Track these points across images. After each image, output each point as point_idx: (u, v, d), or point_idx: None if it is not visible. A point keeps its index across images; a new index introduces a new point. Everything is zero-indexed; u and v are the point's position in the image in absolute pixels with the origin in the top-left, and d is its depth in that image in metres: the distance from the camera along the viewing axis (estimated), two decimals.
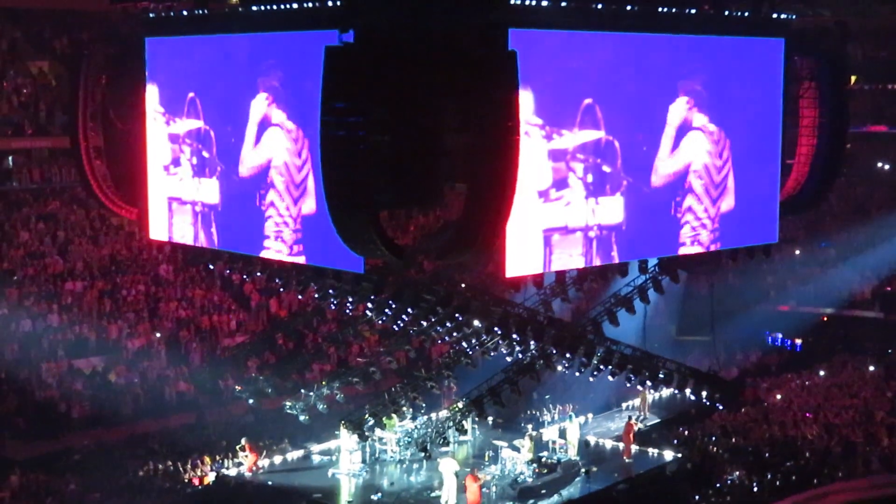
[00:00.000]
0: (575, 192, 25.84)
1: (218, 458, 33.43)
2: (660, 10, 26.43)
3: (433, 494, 30.86)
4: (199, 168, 28.89)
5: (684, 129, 27.46)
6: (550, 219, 25.50)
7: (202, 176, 28.85)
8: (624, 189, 26.74)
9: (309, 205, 25.69)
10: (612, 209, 26.62)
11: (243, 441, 32.86)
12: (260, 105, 26.42)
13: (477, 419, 34.75)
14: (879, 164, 57.12)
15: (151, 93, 29.70)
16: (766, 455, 34.01)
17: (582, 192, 25.95)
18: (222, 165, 28.12)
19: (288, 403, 35.79)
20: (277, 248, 26.96)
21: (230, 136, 27.66)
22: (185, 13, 28.06)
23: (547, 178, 25.23)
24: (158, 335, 41.28)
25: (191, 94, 28.58)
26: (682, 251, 28.54)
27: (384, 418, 33.40)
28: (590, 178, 26.05)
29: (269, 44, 26.03)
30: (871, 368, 43.69)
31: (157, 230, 30.62)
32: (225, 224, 28.61)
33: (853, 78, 50.36)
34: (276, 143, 26.20)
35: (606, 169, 26.31)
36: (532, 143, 24.37)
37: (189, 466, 33.01)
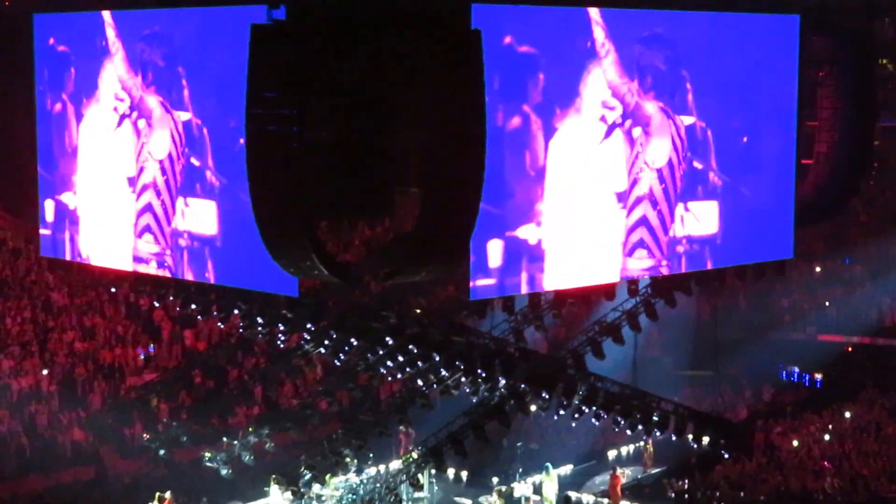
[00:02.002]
0: (657, 195, 25.54)
1: None
2: None
3: None
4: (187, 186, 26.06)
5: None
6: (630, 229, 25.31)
7: (192, 195, 25.74)
8: (720, 191, 26.63)
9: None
10: (705, 216, 26.46)
11: (167, 495, 32.80)
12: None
13: (435, 472, 34.85)
14: None
15: (109, 77, 28.78)
16: None
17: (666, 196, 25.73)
18: (224, 179, 25.59)
19: (207, 454, 35.81)
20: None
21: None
22: None
23: (621, 177, 25.01)
24: (48, 372, 41.10)
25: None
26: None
27: (324, 472, 33.46)
28: (678, 178, 25.78)
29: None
30: None
31: (52, 246, 30.44)
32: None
33: (882, 61, 50.90)
34: None
35: (698, 165, 26.11)
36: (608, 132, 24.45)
37: None
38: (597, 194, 24.91)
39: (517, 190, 23.84)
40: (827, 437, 41.41)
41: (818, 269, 53.35)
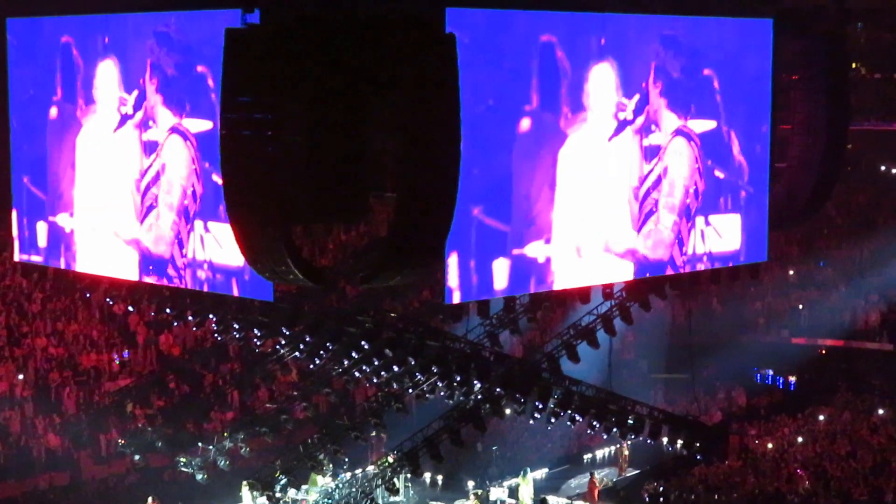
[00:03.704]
0: (674, 208, 24.75)
1: None
2: None
3: None
4: (206, 204, 24.44)
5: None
6: (641, 245, 24.63)
7: (210, 217, 24.20)
8: (743, 203, 26.13)
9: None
10: (726, 231, 25.95)
11: (150, 500, 32.69)
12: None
13: (411, 476, 34.82)
14: (886, 168, 57.82)
15: (107, 74, 28.14)
16: None
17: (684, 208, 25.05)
18: None
19: (182, 459, 35.69)
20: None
21: None
22: None
23: (634, 179, 24.32)
24: (22, 377, 40.93)
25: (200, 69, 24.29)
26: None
27: (299, 476, 33.39)
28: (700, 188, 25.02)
29: None
30: (881, 412, 44.09)
31: (27, 249, 30.11)
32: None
33: (854, 65, 51.06)
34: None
35: (720, 174, 25.59)
36: (624, 136, 23.91)
37: None
38: (610, 203, 24.15)
39: (525, 202, 22.91)
40: (800, 439, 41.54)
41: (792, 272, 53.49)
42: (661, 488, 36.92)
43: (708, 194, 25.37)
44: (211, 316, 33.34)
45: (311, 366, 34.39)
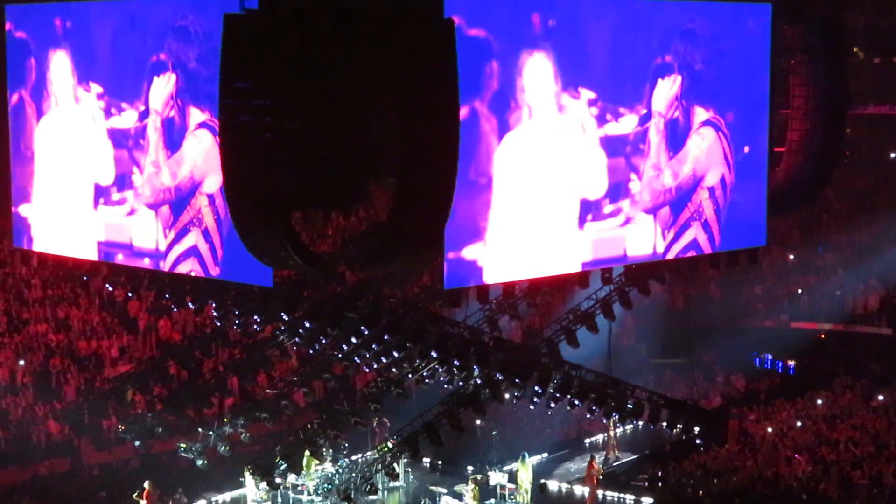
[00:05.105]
0: (637, 203, 24.59)
1: None
2: None
3: None
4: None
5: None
6: (600, 245, 24.45)
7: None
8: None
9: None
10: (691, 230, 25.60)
11: (146, 485, 32.71)
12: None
13: (410, 461, 34.86)
14: (886, 152, 57.75)
15: (63, 64, 27.88)
16: (755, 499, 34.39)
17: (648, 204, 24.87)
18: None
19: (182, 445, 35.70)
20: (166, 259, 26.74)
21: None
22: None
23: (599, 182, 24.20)
24: (23, 364, 40.96)
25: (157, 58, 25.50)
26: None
27: (299, 462, 33.41)
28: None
29: None
30: (881, 398, 44.06)
31: (24, 237, 30.21)
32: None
33: (853, 49, 50.98)
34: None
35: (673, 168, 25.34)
36: (579, 128, 23.63)
37: None
38: (557, 203, 23.96)
39: (462, 201, 22.57)
40: (799, 423, 41.54)
41: (791, 256, 53.49)
42: (660, 473, 36.95)
43: (664, 192, 25.17)
44: (211, 302, 33.32)
45: (311, 351, 34.39)
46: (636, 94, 24.83)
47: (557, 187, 23.81)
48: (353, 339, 32.43)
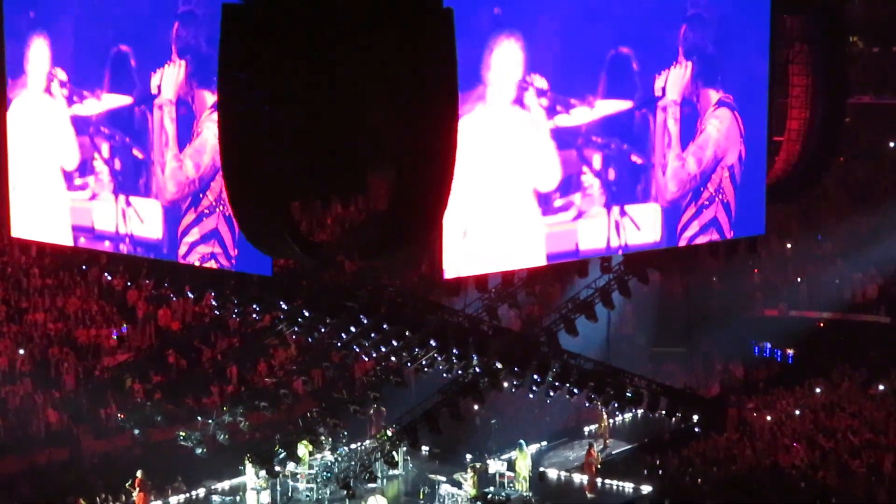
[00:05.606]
0: (590, 196, 24.29)
1: (98, 500, 33.31)
2: None
3: None
4: (126, 178, 26.03)
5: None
6: (553, 239, 24.14)
7: (131, 192, 25.87)
8: (663, 192, 25.66)
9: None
10: (645, 222, 25.45)
11: (139, 474, 32.73)
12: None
13: (409, 449, 34.90)
14: (885, 142, 57.73)
15: (39, 50, 27.76)
16: (754, 487, 34.44)
17: (601, 198, 24.64)
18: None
19: (182, 434, 35.73)
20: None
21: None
22: None
23: (550, 175, 23.95)
24: (22, 352, 40.97)
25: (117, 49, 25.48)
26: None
27: (298, 450, 33.43)
28: (612, 176, 24.33)
29: None
30: (881, 388, 44.09)
31: (22, 226, 30.16)
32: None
33: (852, 39, 50.95)
34: None
35: (637, 160, 25.03)
36: (531, 119, 23.40)
37: None
38: (511, 193, 23.75)
39: None
40: (798, 412, 41.60)
41: (790, 245, 53.49)
42: (659, 461, 37.00)
43: (623, 182, 24.83)
44: (210, 291, 33.32)
45: (310, 340, 34.40)
46: (590, 85, 24.47)
47: (512, 178, 23.56)
48: (353, 328, 32.42)
